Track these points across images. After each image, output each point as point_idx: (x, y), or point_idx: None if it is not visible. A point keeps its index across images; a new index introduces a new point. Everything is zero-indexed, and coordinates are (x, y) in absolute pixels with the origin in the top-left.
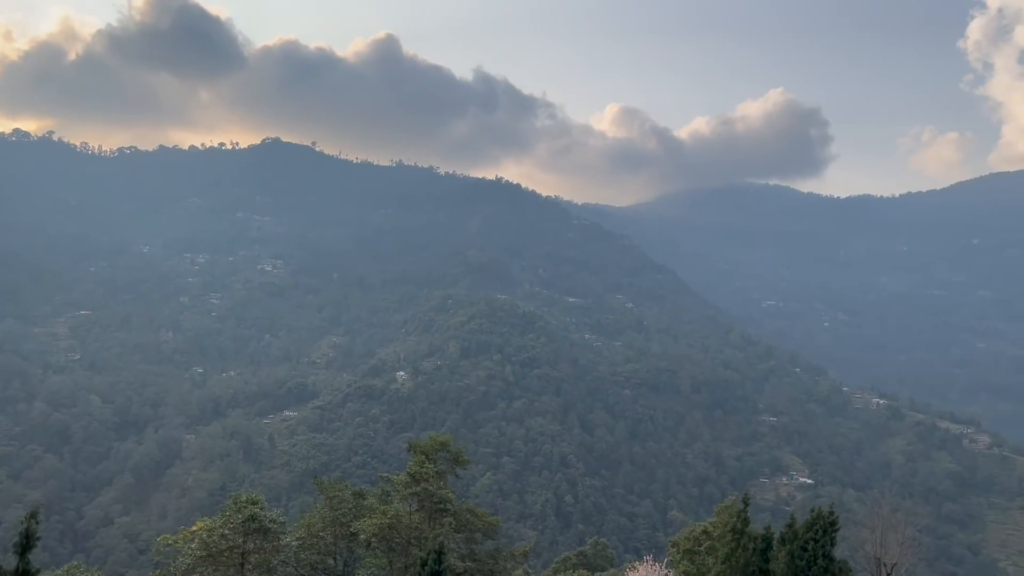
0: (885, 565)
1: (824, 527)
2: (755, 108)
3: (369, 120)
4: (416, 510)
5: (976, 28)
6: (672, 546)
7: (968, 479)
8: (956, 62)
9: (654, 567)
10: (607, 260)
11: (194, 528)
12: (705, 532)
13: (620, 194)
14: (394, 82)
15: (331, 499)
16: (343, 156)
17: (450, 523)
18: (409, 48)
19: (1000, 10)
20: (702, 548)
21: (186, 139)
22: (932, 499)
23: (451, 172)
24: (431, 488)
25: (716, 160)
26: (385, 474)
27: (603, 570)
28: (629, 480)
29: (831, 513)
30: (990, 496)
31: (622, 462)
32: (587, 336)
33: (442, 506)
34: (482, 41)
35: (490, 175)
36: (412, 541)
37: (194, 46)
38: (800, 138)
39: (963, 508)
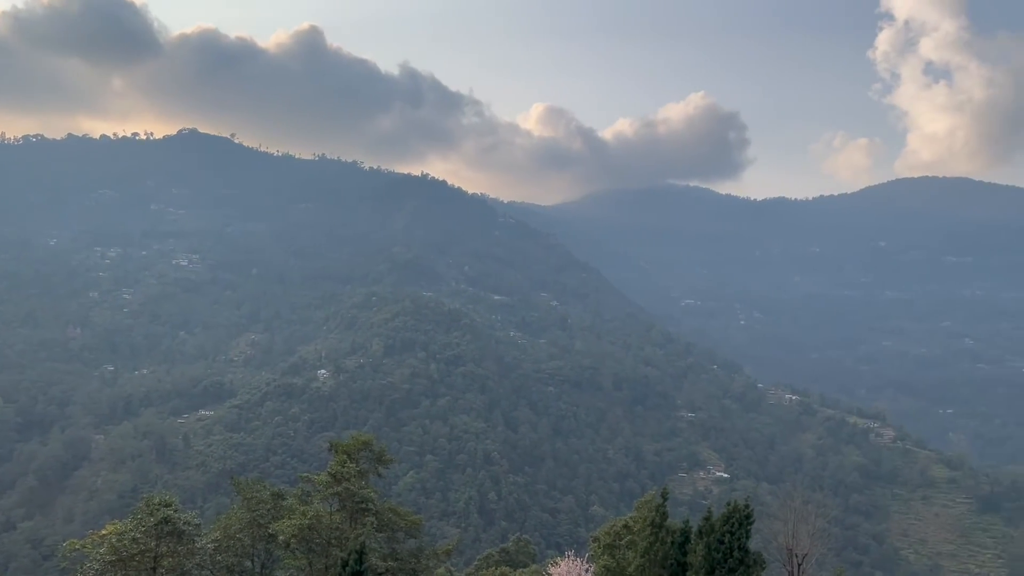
0: (797, 556)
1: (740, 520)
2: (677, 111)
3: (291, 113)
4: (337, 510)
5: (884, 39)
6: (593, 541)
7: (874, 471)
8: (866, 71)
9: (575, 562)
10: (533, 258)
11: (103, 532)
12: (626, 526)
13: (546, 193)
14: (317, 75)
15: (249, 500)
16: (263, 148)
17: (372, 523)
18: (333, 41)
19: (907, 22)
20: (622, 542)
21: (97, 128)
22: (841, 491)
23: (376, 167)
24: (353, 488)
25: (639, 161)
26: (305, 474)
27: (525, 567)
28: (552, 476)
29: (746, 506)
30: (894, 487)
31: (545, 458)
32: (512, 334)
33: (364, 506)
34: (409, 36)
35: (416, 171)
36: (333, 542)
37: (106, 31)
38: (719, 141)
39: (869, 499)
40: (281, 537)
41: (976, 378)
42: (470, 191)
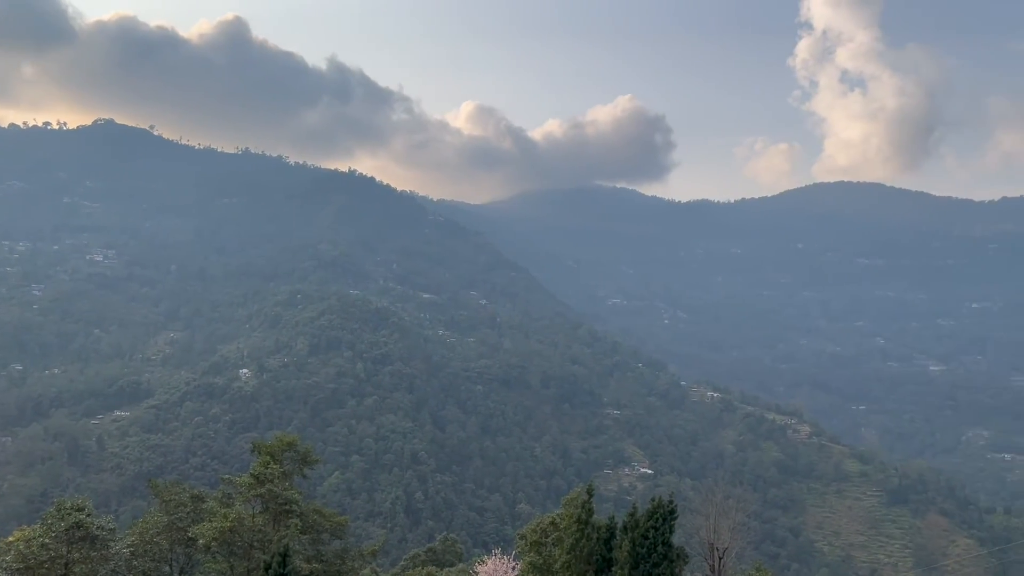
0: (717, 549)
1: (664, 515)
2: (605, 113)
3: (213, 105)
4: (260, 512)
5: (804, 48)
6: (520, 538)
7: (791, 466)
8: (786, 78)
9: (502, 560)
10: (462, 257)
11: (10, 539)
12: (552, 523)
13: (476, 191)
14: (241, 67)
15: (167, 503)
16: (184, 141)
17: (296, 524)
18: (259, 33)
19: (824, 32)
20: (549, 539)
21: (6, 116)
22: (759, 486)
23: (302, 162)
24: (276, 489)
25: (568, 162)
26: (227, 476)
27: (452, 566)
28: (479, 475)
29: (671, 502)
30: (809, 482)
31: (473, 457)
32: (441, 332)
33: (288, 507)
34: (337, 30)
35: (343, 167)
36: (255, 544)
37: (14, 15)
38: (646, 144)
39: (786, 493)
40: (201, 541)
41: (886, 376)
42: (399, 188)
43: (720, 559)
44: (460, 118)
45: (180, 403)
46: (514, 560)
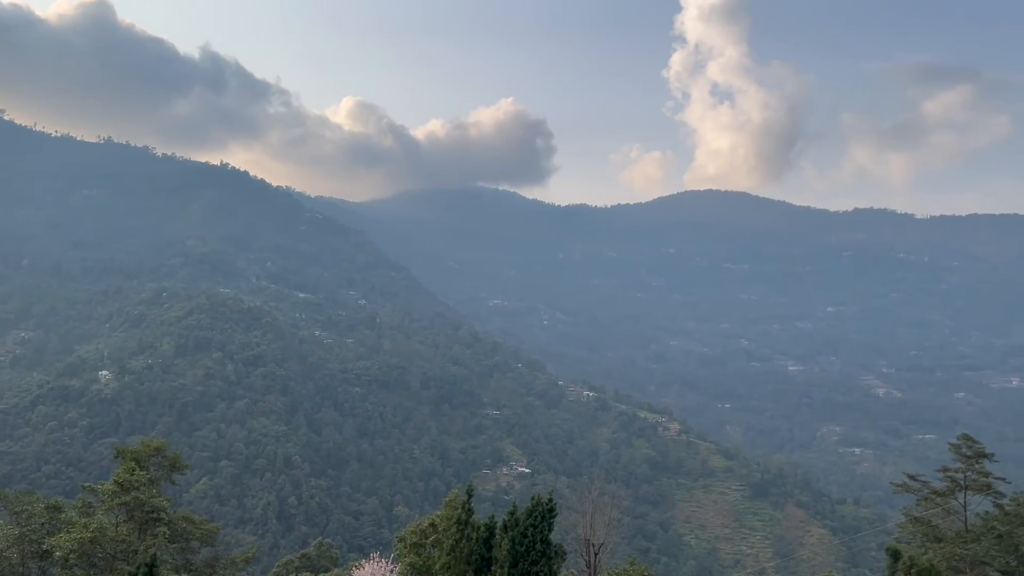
0: (593, 545)
1: (543, 513)
2: (488, 115)
3: (73, 91)
4: (124, 521)
5: (677, 60)
6: (399, 541)
7: (661, 463)
8: (661, 89)
9: (380, 563)
10: (341, 255)
11: None
12: (432, 525)
13: (356, 189)
14: (105, 51)
15: (17, 514)
16: (39, 128)
17: (164, 533)
18: (125, 16)
19: (697, 46)
20: (428, 541)
21: None
22: (632, 482)
23: (170, 154)
24: (143, 497)
25: (450, 162)
26: (88, 484)
27: (327, 571)
28: (356, 478)
29: (549, 500)
30: (678, 477)
31: (350, 460)
32: (318, 333)
33: (155, 515)
34: (211, 18)
35: (215, 160)
36: (119, 556)
37: None
38: (528, 147)
39: (656, 489)
40: (58, 553)
41: (749, 375)
42: (275, 183)
43: (596, 555)
44: (340, 114)
45: (32, 407)
46: (392, 563)
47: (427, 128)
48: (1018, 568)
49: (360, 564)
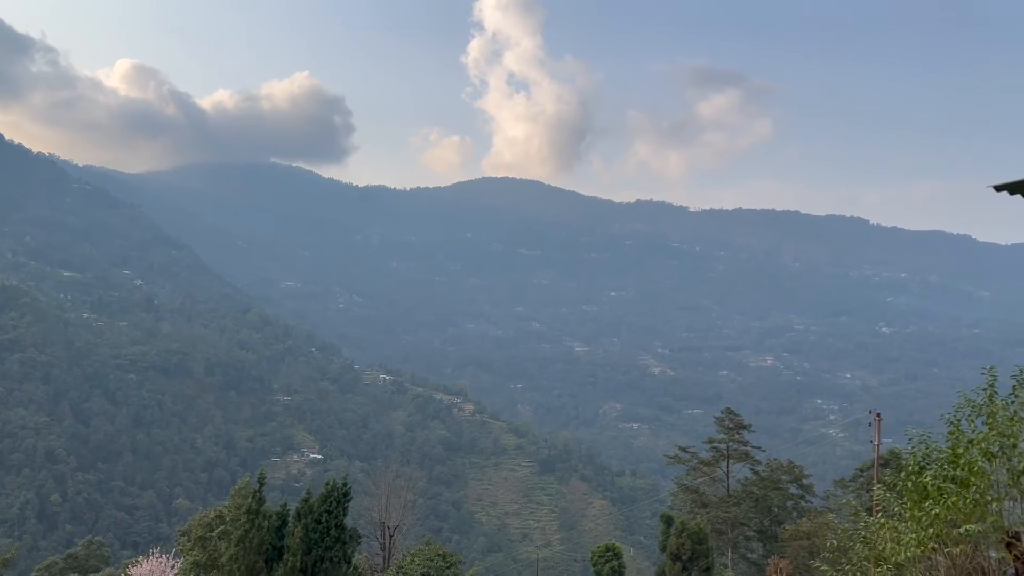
0: (388, 528)
1: (338, 498)
2: (281, 88)
3: None
4: None
5: (476, 47)
6: (182, 535)
7: (455, 443)
8: (460, 74)
9: (160, 560)
10: (113, 231)
11: None
12: (219, 516)
13: (132, 159)
14: None
15: None
16: None
17: None
18: None
19: (494, 35)
20: (215, 533)
21: None
22: (426, 464)
23: None
24: None
25: (241, 136)
26: None
27: (98, 571)
28: (131, 471)
29: (345, 485)
30: (472, 457)
31: (123, 452)
32: (86, 315)
33: None
34: None
35: None
36: None
37: None
38: (325, 124)
39: (450, 469)
40: None
41: (540, 356)
42: (35, 149)
43: (391, 537)
44: (115, 77)
45: None
46: (174, 558)
47: (214, 98)
48: (771, 527)
49: (137, 561)
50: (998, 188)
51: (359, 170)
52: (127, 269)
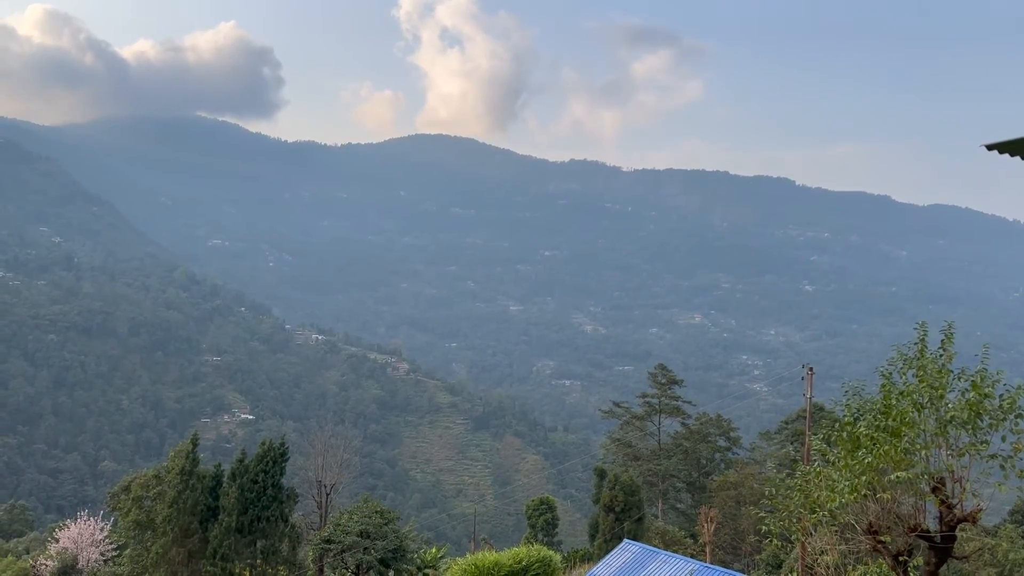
0: (325, 486)
1: (274, 458)
2: (206, 40)
3: None
4: None
5: (407, 0)
6: (111, 497)
7: (390, 402)
8: (391, 28)
9: (89, 523)
10: (28, 186)
11: None
12: (156, 477)
13: (48, 111)
14: None
15: None
16: None
17: None
18: None
19: None
20: (150, 494)
21: None
22: (361, 422)
23: None
24: None
25: (164, 88)
26: None
27: (22, 535)
28: (53, 434)
29: (282, 444)
30: (406, 415)
31: (44, 415)
32: (1, 274)
33: None
34: None
35: None
36: None
37: None
38: (253, 77)
39: (385, 428)
40: None
41: (474, 315)
42: None
43: (327, 495)
44: (27, 23)
45: None
46: (102, 520)
47: (135, 48)
48: (700, 479)
49: (65, 525)
50: (990, 147)
51: (288, 125)
52: (44, 226)
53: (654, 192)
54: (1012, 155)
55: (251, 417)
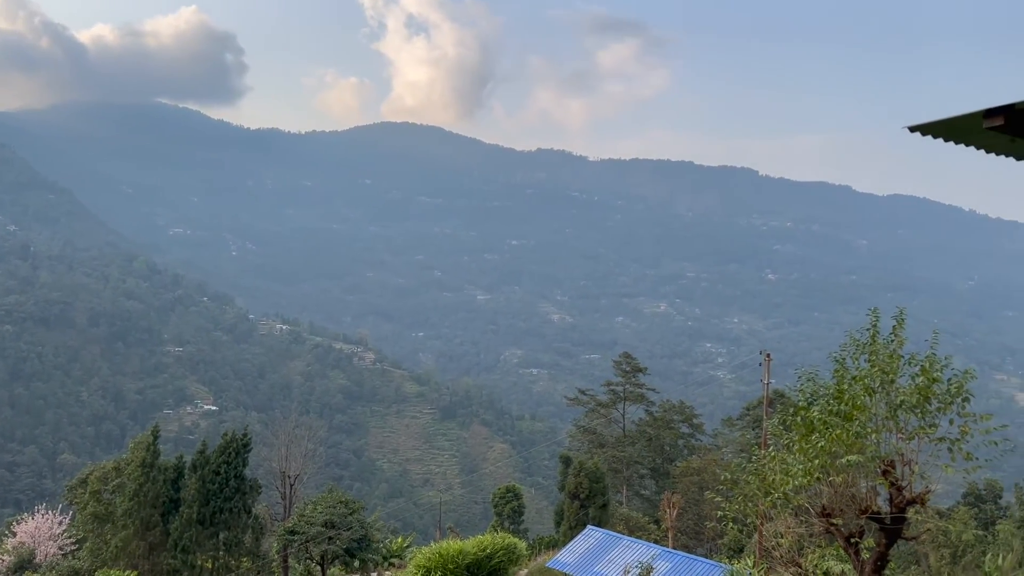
0: (289, 477)
1: (237, 449)
2: (167, 24)
3: None
4: None
5: None
6: (69, 490)
7: (356, 392)
8: (356, 15)
9: (47, 516)
10: None
11: None
12: (116, 469)
13: (1, 95)
14: None
15: None
16: None
17: None
18: None
19: None
20: (110, 487)
21: None
22: (326, 413)
23: None
24: None
25: (124, 74)
26: None
27: None
28: (9, 427)
29: (245, 435)
30: (373, 405)
31: (0, 407)
32: None
33: None
34: None
35: None
36: None
37: None
38: (215, 63)
39: (351, 418)
40: None
41: (441, 304)
42: None
43: (291, 486)
44: None
45: None
46: (61, 514)
47: (93, 32)
48: (663, 465)
49: (22, 519)
50: (912, 129)
51: (252, 112)
52: None
53: (620, 182)
54: (935, 137)
55: (215, 408)
